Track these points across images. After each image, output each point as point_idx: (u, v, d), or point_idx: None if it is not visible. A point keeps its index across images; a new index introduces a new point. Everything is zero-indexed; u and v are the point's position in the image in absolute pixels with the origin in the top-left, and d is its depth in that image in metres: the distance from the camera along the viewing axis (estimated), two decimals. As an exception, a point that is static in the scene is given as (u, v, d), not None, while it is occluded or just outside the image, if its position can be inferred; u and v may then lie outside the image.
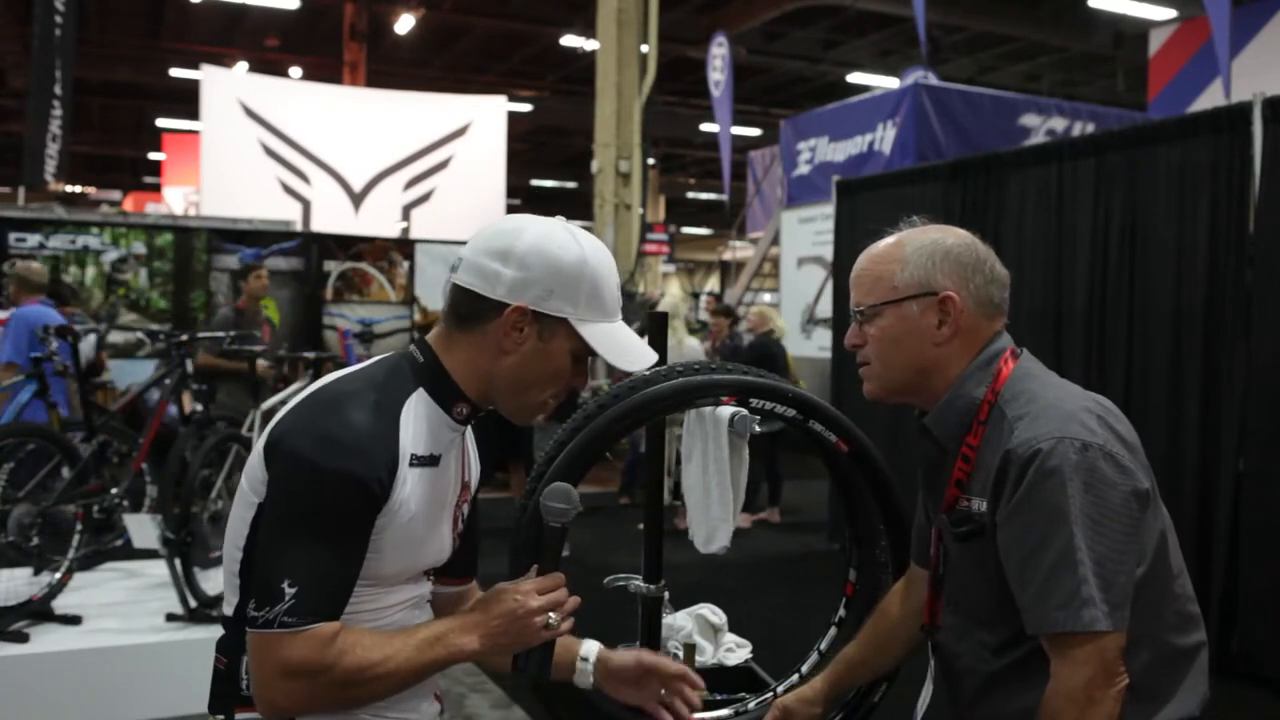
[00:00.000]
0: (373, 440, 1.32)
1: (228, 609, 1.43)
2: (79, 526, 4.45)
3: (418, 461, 1.39)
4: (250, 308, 7.34)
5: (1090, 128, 10.08)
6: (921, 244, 1.59)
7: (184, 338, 4.90)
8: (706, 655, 2.45)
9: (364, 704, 1.36)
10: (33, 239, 8.50)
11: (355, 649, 1.31)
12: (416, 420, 1.39)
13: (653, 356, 1.50)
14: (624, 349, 1.46)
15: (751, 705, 2.18)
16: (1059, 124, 10.27)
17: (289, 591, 1.26)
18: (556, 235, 1.42)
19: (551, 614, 1.40)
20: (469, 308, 1.42)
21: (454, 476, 1.51)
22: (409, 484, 1.37)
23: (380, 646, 1.33)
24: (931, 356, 1.58)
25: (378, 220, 14.14)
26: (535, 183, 28.39)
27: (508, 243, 1.41)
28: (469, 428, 1.52)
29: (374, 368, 1.44)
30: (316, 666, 1.28)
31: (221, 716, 1.42)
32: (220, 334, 5.92)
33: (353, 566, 1.33)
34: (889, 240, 1.64)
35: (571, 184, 27.36)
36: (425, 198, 15.13)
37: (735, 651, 2.49)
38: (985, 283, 1.58)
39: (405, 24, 16.84)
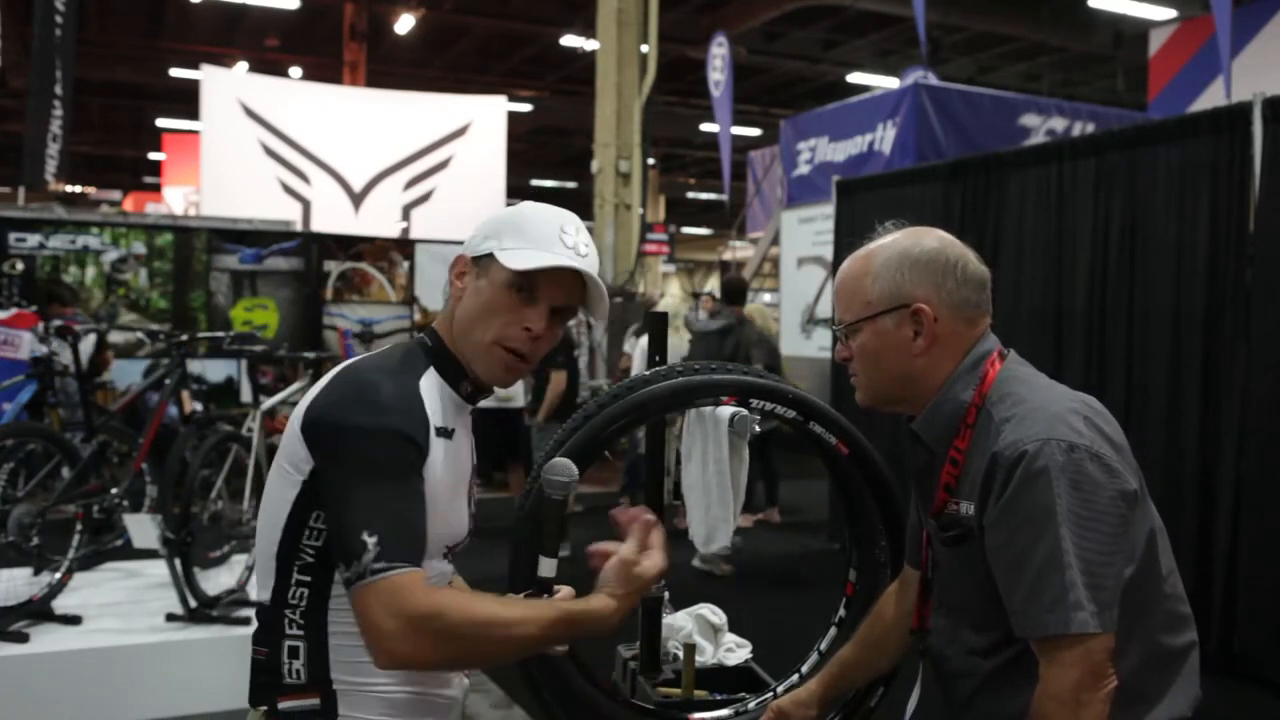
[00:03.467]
0: (406, 403, 1.40)
1: (264, 594, 1.45)
2: (79, 526, 4.45)
3: (439, 433, 1.45)
4: None
5: (1090, 128, 10.07)
6: (889, 256, 1.58)
7: (184, 338, 4.90)
8: (706, 655, 2.45)
9: (474, 662, 1.40)
10: (33, 239, 8.50)
11: (475, 601, 1.34)
12: (432, 395, 1.46)
13: (552, 260, 1.46)
14: (529, 257, 1.46)
15: (751, 705, 2.18)
16: (1059, 124, 10.26)
17: (370, 541, 1.28)
18: (515, 204, 1.57)
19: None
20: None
21: (467, 455, 1.56)
22: (435, 452, 1.43)
23: (508, 607, 1.36)
24: (912, 367, 1.57)
25: (378, 220, 14.13)
26: (535, 183, 28.38)
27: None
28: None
29: (390, 351, 1.52)
30: (425, 611, 1.28)
31: (264, 707, 1.43)
32: (220, 334, 5.92)
33: (421, 510, 1.36)
34: (862, 252, 1.63)
35: (571, 184, 27.35)
36: (425, 198, 15.12)
37: (735, 651, 2.49)
38: (957, 286, 1.56)
39: (405, 24, 16.83)
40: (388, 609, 1.27)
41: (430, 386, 1.47)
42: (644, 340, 7.01)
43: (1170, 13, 13.04)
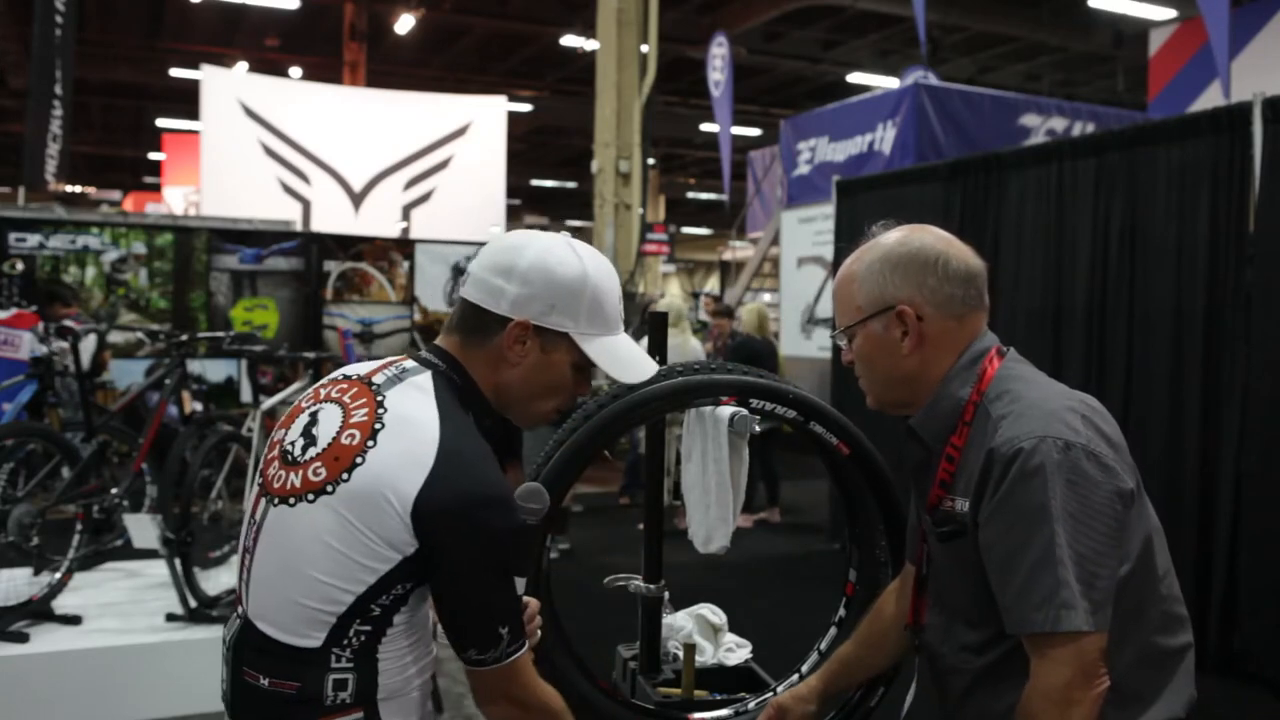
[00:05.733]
0: (509, 486, 1.44)
1: (304, 640, 1.37)
2: (79, 526, 4.45)
3: None
4: None
5: (1090, 128, 10.07)
6: (873, 259, 1.60)
7: (184, 338, 4.91)
8: (706, 655, 2.44)
9: None
10: (33, 239, 8.50)
11: (559, 700, 1.53)
12: None
13: (652, 369, 1.57)
14: (624, 362, 1.53)
15: (751, 705, 2.18)
16: (1059, 124, 10.26)
17: (504, 633, 1.41)
18: (558, 252, 1.48)
19: None
20: (476, 321, 1.49)
21: None
22: None
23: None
24: (906, 367, 1.58)
25: (378, 220, 14.13)
26: (535, 183, 28.39)
27: (511, 259, 1.47)
28: None
29: (449, 405, 1.44)
30: (539, 702, 1.49)
31: None
32: (220, 334, 5.92)
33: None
34: (852, 256, 1.65)
35: (571, 184, 27.37)
36: (425, 198, 15.12)
37: (735, 651, 2.49)
38: (940, 283, 1.56)
39: (405, 24, 16.84)
40: (508, 687, 1.45)
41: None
42: (644, 342, 7.01)
43: (1170, 13, 13.04)
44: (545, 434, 6.26)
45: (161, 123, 21.46)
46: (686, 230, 33.77)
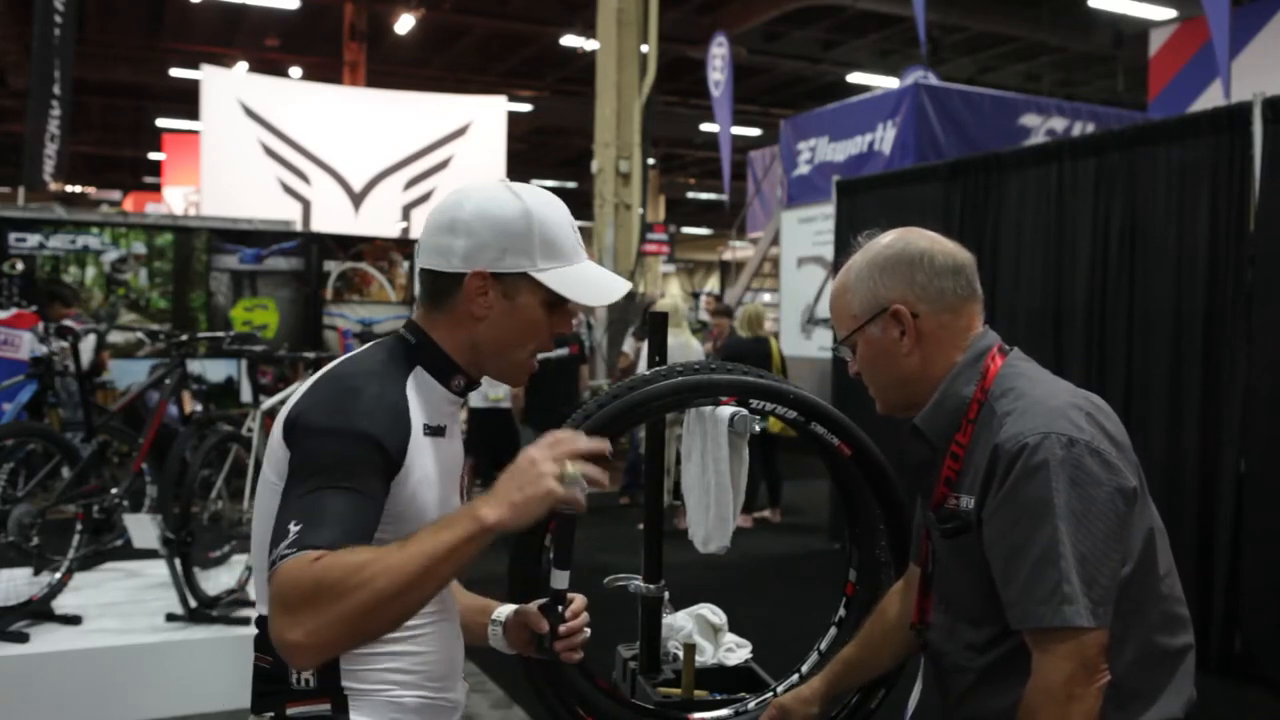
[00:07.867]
0: (383, 407, 1.36)
1: (264, 608, 1.39)
2: (79, 526, 4.45)
3: (431, 431, 1.43)
4: None
5: (1090, 128, 10.07)
6: (861, 265, 1.62)
7: (184, 338, 4.90)
8: (706, 655, 2.44)
9: (364, 621, 1.18)
10: (33, 239, 8.50)
11: (335, 559, 1.18)
12: (419, 395, 1.44)
13: (624, 286, 1.50)
14: (591, 287, 1.47)
15: (751, 705, 2.18)
16: (1059, 124, 10.26)
17: (293, 530, 1.21)
18: (496, 195, 1.46)
19: (569, 464, 1.27)
20: (434, 286, 1.47)
21: (460, 450, 1.56)
22: (424, 452, 1.41)
23: (367, 549, 1.21)
24: (908, 367, 1.60)
25: (378, 220, 14.14)
26: (535, 183, 28.32)
27: (452, 215, 1.45)
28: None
29: (372, 351, 1.48)
30: (293, 587, 1.16)
31: (270, 714, 1.41)
32: (220, 334, 5.92)
33: (363, 509, 1.27)
34: (841, 270, 1.68)
35: (571, 184, 27.35)
36: (425, 198, 15.12)
37: (735, 651, 2.48)
38: (929, 278, 1.58)
39: (405, 24, 16.84)
40: (274, 596, 1.18)
41: (418, 386, 1.45)
42: (644, 342, 7.01)
43: (1170, 13, 13.05)
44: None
45: (161, 123, 21.47)
46: (686, 230, 33.76)
